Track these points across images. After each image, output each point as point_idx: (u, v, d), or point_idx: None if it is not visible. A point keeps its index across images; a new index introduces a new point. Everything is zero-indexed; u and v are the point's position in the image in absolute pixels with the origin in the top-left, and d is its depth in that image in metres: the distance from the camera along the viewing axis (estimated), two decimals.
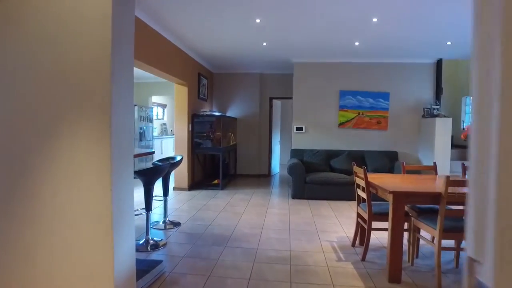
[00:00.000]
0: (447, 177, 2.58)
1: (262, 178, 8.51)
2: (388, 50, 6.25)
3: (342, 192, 6.00)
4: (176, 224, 4.22)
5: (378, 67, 7.03)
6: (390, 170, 6.51)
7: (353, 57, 6.83)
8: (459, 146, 7.67)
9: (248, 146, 8.65)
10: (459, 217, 2.92)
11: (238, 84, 8.59)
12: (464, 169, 3.89)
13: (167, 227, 4.10)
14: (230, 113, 8.60)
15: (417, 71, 7.00)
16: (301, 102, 7.17)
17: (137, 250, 3.30)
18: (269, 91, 8.69)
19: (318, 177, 6.04)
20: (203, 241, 3.70)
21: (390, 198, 2.72)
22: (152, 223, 4.22)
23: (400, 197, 2.70)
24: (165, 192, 4.15)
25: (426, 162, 6.64)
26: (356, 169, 3.47)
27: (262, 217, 4.77)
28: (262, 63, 7.69)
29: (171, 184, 6.75)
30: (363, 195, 3.31)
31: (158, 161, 4.25)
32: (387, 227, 3.49)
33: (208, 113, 7.12)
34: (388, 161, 6.62)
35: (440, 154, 6.35)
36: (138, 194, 5.61)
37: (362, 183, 3.28)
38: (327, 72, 7.11)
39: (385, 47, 6.04)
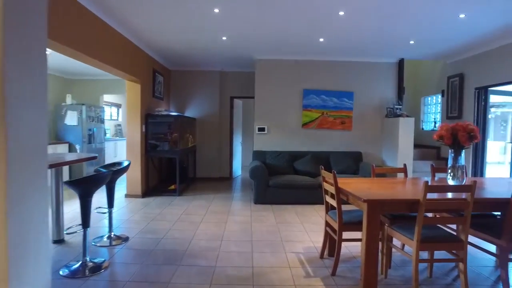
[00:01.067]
0: (426, 182, 2.32)
1: (224, 181, 8.08)
2: (353, 48, 6.07)
3: (307, 195, 5.72)
4: (123, 239, 3.68)
5: (343, 65, 6.86)
6: (356, 171, 6.34)
7: (318, 54, 6.60)
8: (419, 146, 7.69)
9: (208, 148, 8.17)
10: (434, 225, 2.68)
11: (197, 82, 8.10)
12: (434, 170, 3.72)
13: (113, 243, 3.55)
14: (189, 113, 8.08)
15: (380, 70, 6.91)
16: (263, 101, 6.83)
17: (72, 277, 2.76)
18: (230, 89, 8.27)
19: (281, 180, 5.71)
20: (153, 259, 3.21)
21: (364, 207, 2.42)
22: (95, 239, 3.65)
23: (376, 206, 2.41)
24: (110, 203, 3.60)
25: (390, 162, 6.55)
26: (324, 173, 3.16)
27: (222, 226, 4.35)
28: (223, 60, 7.26)
29: (123, 191, 6.15)
30: (333, 202, 3.00)
31: (103, 167, 3.70)
32: (359, 237, 3.22)
33: (164, 112, 6.58)
34: (353, 162, 6.45)
35: (403, 154, 6.27)
36: (74, 208, 5.02)
37: (331, 189, 2.97)
38: (291, 70, 6.83)
39: (350, 44, 5.84)
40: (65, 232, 3.66)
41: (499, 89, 6.20)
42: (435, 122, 7.76)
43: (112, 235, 3.65)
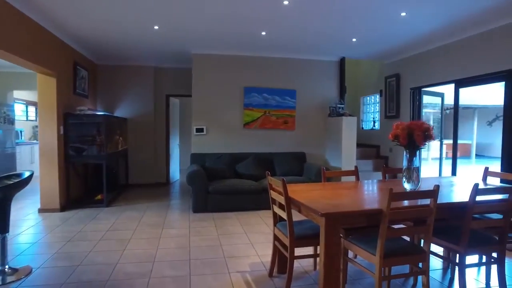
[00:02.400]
0: (391, 189, 2.02)
1: (160, 187, 7.38)
2: (296, 44, 5.80)
3: (251, 201, 5.33)
4: (24, 273, 2.91)
5: (285, 62, 6.59)
6: (300, 173, 6.10)
7: (259, 50, 6.23)
8: (359, 145, 7.73)
9: (142, 151, 7.41)
10: (397, 237, 2.42)
11: (128, 78, 7.29)
12: (385, 171, 3.53)
13: (7, 280, 2.76)
14: (119, 112, 7.24)
15: (322, 68, 6.77)
16: (202, 99, 6.29)
17: None
18: (165, 87, 7.58)
19: (222, 186, 5.24)
20: None
21: (321, 221, 2.06)
22: None
23: (335, 219, 2.06)
24: (2, 228, 2.82)
25: (334, 162, 6.43)
26: (272, 180, 2.75)
27: (155, 243, 3.75)
28: (157, 54, 6.57)
29: (36, 205, 5.21)
30: (282, 213, 2.61)
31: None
32: (313, 252, 2.88)
33: (89, 112, 5.73)
34: (297, 163, 6.20)
35: (347, 154, 6.17)
36: None
37: (280, 199, 2.57)
38: (231, 66, 6.38)
39: (293, 39, 5.55)
40: None
41: (430, 90, 6.41)
42: (374, 122, 7.87)
43: (6, 269, 2.86)
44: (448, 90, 6.77)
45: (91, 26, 4.81)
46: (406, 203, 2.27)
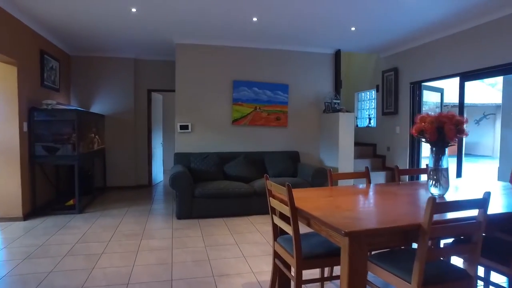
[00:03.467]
0: (432, 199, 1.54)
1: (141, 190, 6.78)
2: (289, 33, 5.31)
3: (241, 205, 4.81)
4: None
5: (277, 54, 6.09)
6: (294, 173, 5.61)
7: (250, 40, 5.72)
8: (355, 143, 7.31)
9: (122, 151, 6.79)
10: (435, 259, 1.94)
11: (106, 71, 6.66)
12: (399, 173, 3.05)
13: None
14: (96, 108, 6.61)
15: (316, 61, 6.30)
16: (186, 93, 5.73)
17: None
18: (147, 81, 6.98)
19: (209, 189, 4.70)
20: None
21: (344, 242, 1.56)
22: None
23: (363, 239, 1.56)
24: None
25: (329, 162, 5.97)
26: (271, 185, 2.24)
27: (131, 258, 3.20)
28: (137, 44, 5.98)
29: None
30: (285, 227, 2.10)
31: None
32: (326, 274, 2.39)
33: (59, 107, 5.11)
34: (290, 163, 5.71)
35: (344, 153, 5.72)
36: None
37: (283, 209, 2.06)
38: (218, 58, 5.84)
39: (287, 27, 5.06)
40: None
41: (430, 85, 6.03)
42: (370, 119, 7.46)
43: None
44: (448, 85, 6.42)
45: (60, 11, 4.21)
46: (447, 215, 1.79)
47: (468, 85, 5.03)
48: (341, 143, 5.69)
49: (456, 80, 5.14)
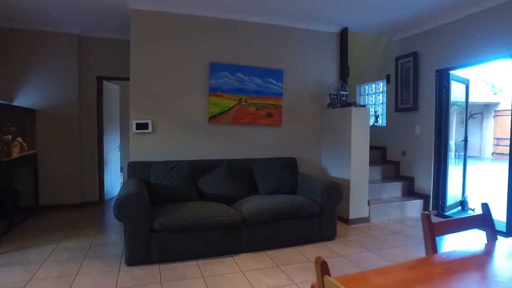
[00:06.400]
0: None
1: (89, 209, 5.12)
2: (285, 4, 3.87)
3: (224, 240, 3.29)
4: None
5: (270, 31, 4.62)
6: (293, 189, 4.15)
7: (234, 10, 4.23)
8: None
9: (61, 157, 5.09)
10: None
11: (37, 51, 4.94)
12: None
13: None
14: (22, 100, 4.87)
15: (319, 42, 4.90)
16: (145, 80, 4.15)
17: None
18: (96, 66, 5.32)
19: (176, 218, 3.12)
20: None
21: None
22: None
23: None
24: None
25: (336, 172, 4.57)
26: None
27: None
28: (82, 13, 4.34)
29: None
30: None
31: None
32: None
33: None
34: (287, 174, 4.25)
35: (358, 160, 4.35)
36: None
37: None
38: (191, 32, 4.29)
39: None
40: None
41: (455, 73, 4.81)
42: (377, 116, 6.15)
43: None
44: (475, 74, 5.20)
45: None
46: None
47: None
48: (354, 146, 4.31)
49: (507, 62, 3.89)
